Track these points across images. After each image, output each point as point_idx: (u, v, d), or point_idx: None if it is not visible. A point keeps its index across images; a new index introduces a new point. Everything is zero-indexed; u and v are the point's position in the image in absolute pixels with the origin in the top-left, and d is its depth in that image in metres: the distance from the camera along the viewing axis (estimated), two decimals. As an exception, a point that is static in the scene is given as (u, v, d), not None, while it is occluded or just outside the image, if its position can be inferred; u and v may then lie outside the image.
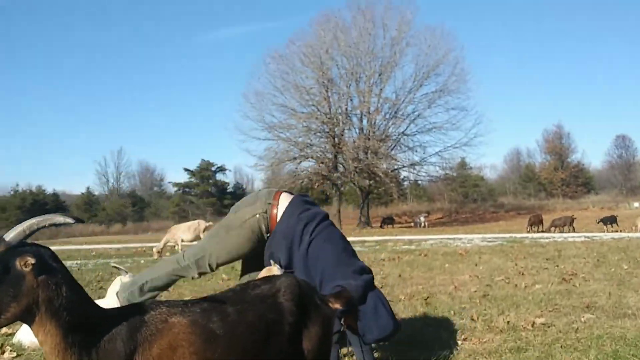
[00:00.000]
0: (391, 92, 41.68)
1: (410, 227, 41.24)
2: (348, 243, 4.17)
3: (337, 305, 2.47)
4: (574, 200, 62.61)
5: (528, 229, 25.76)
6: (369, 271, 4.03)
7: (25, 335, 5.04)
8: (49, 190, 75.29)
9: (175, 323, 1.94)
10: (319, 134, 40.53)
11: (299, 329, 2.22)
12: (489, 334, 5.13)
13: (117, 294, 5.08)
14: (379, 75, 40.42)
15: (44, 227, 1.98)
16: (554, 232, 24.29)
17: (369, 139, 38.90)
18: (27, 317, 1.80)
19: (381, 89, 40.86)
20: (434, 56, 40.75)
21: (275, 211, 4.06)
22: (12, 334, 5.33)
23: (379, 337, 3.78)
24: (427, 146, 42.67)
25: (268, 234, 4.11)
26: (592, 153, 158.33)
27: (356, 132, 41.56)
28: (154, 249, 16.21)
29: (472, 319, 5.71)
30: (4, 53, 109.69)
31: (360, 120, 41.81)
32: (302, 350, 2.21)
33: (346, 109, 40.80)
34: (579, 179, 70.79)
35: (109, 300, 5.18)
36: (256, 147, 64.33)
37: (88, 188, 77.34)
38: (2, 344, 5.01)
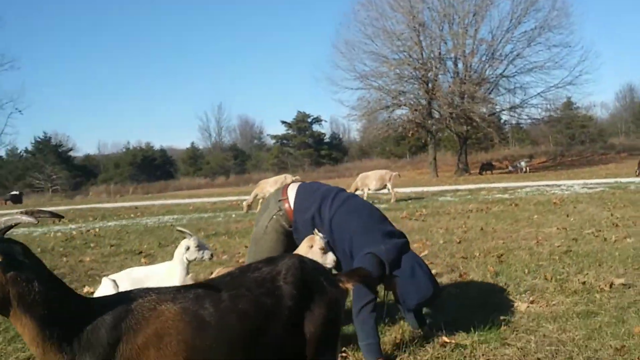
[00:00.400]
0: (487, 33, 39.57)
1: (511, 172, 39.73)
2: (375, 209, 4.10)
3: (349, 285, 2.36)
4: (696, 138, 57.58)
5: (638, 173, 23.98)
6: (401, 235, 3.93)
7: (102, 294, 5.33)
8: (157, 146, 79.08)
9: (163, 310, 1.91)
10: (411, 80, 39.39)
11: (301, 312, 2.13)
12: (560, 295, 4.84)
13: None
14: (474, 15, 38.34)
15: (10, 226, 1.98)
16: None
17: (464, 83, 37.37)
18: (2, 311, 1.84)
19: (476, 30, 38.86)
20: (532, -10, 38.15)
21: (287, 205, 4.13)
22: (93, 293, 5.63)
23: (419, 302, 3.68)
24: (528, 87, 40.45)
25: (291, 228, 4.15)
26: None
27: (451, 77, 40.02)
28: (244, 203, 16.66)
29: (546, 279, 5.41)
30: (108, 17, 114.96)
31: (455, 64, 40.21)
32: (304, 334, 2.12)
33: (439, 53, 39.28)
34: (701, 114, 64.86)
35: (175, 263, 5.36)
36: (349, 98, 64.11)
37: (192, 143, 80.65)
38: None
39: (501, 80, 40.51)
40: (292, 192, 4.19)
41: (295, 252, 3.77)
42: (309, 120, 72.36)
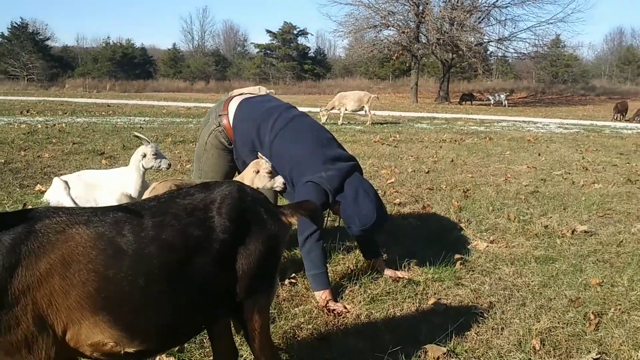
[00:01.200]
0: (485, -42, 38.28)
1: (489, 105, 39.57)
2: (322, 131, 3.80)
3: (293, 219, 2.15)
4: (677, 87, 57.68)
5: (614, 117, 23.99)
6: (348, 158, 3.67)
7: (50, 195, 5.12)
8: (138, 44, 76.71)
9: (74, 234, 1.68)
10: (402, 1, 38.21)
11: (234, 246, 1.91)
12: (520, 237, 4.77)
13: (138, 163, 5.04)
14: (474, -63, 36.96)
15: None
16: (638, 122, 22.41)
17: (455, 9, 36.35)
18: None
19: (475, -48, 37.53)
20: None
21: (225, 121, 3.86)
22: (44, 192, 5.41)
23: (362, 228, 3.44)
24: (518, 20, 39.94)
25: (231, 145, 3.92)
26: None
27: (442, 1, 38.92)
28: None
29: (509, 219, 5.33)
30: None
31: (449, -13, 39.01)
32: (236, 269, 1.92)
33: (434, -26, 38.03)
34: (686, 64, 64.76)
35: (131, 169, 5.14)
36: (337, 12, 62.24)
37: (174, 44, 78.44)
38: (25, 203, 5.12)
39: (493, 10, 39.54)
40: (232, 107, 3.89)
41: (240, 177, 3.57)
42: (295, 32, 70.50)
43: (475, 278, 3.82)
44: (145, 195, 3.13)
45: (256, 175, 3.46)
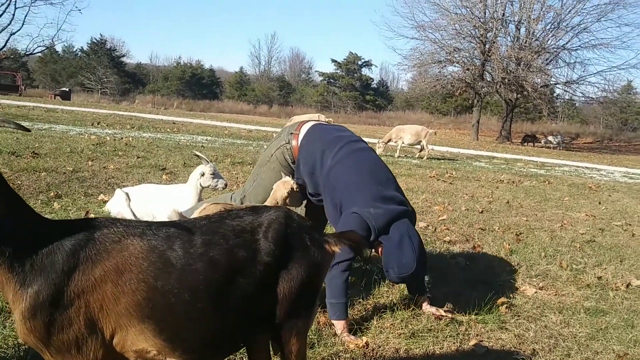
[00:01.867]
0: (557, 0, 37.92)
1: (552, 148, 38.69)
2: (382, 168, 3.82)
3: (336, 248, 2.20)
4: None
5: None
6: (402, 202, 3.65)
7: (112, 206, 5.35)
8: (207, 65, 79.17)
9: (128, 245, 1.79)
10: (469, 38, 38.00)
11: (278, 270, 1.98)
12: (571, 286, 4.66)
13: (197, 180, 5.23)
14: (546, -22, 36.64)
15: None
16: None
17: (523, 50, 35.95)
18: None
19: (546, -5, 37.18)
20: (614, -41, 36.03)
21: (295, 142, 4.02)
22: (107, 202, 5.66)
23: (399, 275, 3.42)
24: (588, 64, 39.02)
25: (293, 164, 4.07)
26: None
27: (510, 41, 38.55)
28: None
29: (561, 266, 5.22)
30: None
31: (517, 28, 38.56)
32: (277, 293, 1.99)
33: (503, 14, 37.66)
34: None
35: (189, 187, 5.33)
36: (402, 46, 62.58)
37: (241, 68, 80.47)
38: (87, 212, 5.35)
39: (562, 52, 38.94)
40: (305, 129, 4.05)
41: (272, 194, 3.72)
42: (359, 62, 71.25)
43: (520, 323, 3.76)
44: (194, 215, 3.26)
45: (286, 192, 3.65)
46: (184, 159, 9.85)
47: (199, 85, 74.18)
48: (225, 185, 5.39)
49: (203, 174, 5.22)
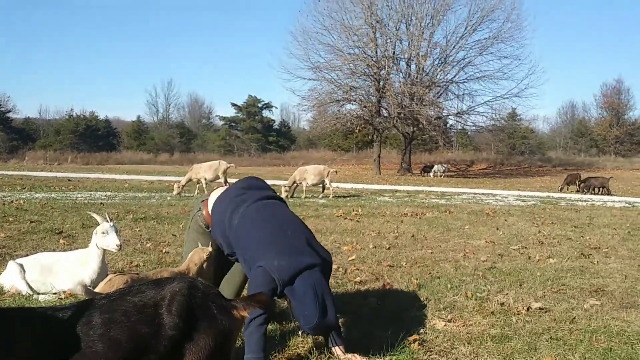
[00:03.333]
0: (442, 37, 40.19)
1: (451, 176, 40.48)
2: (290, 222, 3.89)
3: (245, 313, 2.20)
4: (627, 159, 60.08)
5: (561, 188, 24.70)
6: (312, 254, 3.67)
7: (4, 279, 5.03)
8: (102, 116, 76.89)
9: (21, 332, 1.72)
10: (363, 76, 39.47)
11: (183, 343, 1.96)
12: (477, 315, 4.84)
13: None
14: (431, 18, 38.77)
15: None
16: (586, 193, 23.27)
17: (415, 85, 37.74)
18: None
19: (432, 33, 39.32)
20: (489, 0, 38.86)
21: (205, 209, 4.18)
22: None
23: (305, 327, 3.49)
24: (476, 95, 41.35)
25: (209, 229, 4.17)
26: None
27: (402, 77, 40.36)
28: (175, 185, 16.38)
29: (467, 296, 5.42)
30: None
31: (408, 64, 40.56)
32: None
33: (393, 52, 39.51)
34: (634, 137, 67.70)
35: (92, 249, 5.08)
36: (301, 87, 63.89)
37: (139, 117, 78.69)
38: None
39: (451, 85, 41.23)
40: (214, 195, 4.15)
41: (185, 263, 3.73)
42: (260, 105, 71.86)
43: (433, 359, 3.86)
44: (100, 288, 3.14)
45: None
46: (83, 220, 9.44)
47: (94, 137, 71.76)
48: (119, 246, 5.03)
49: (96, 233, 4.98)
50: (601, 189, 23.11)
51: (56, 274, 5.01)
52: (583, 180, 24.44)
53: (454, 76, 40.83)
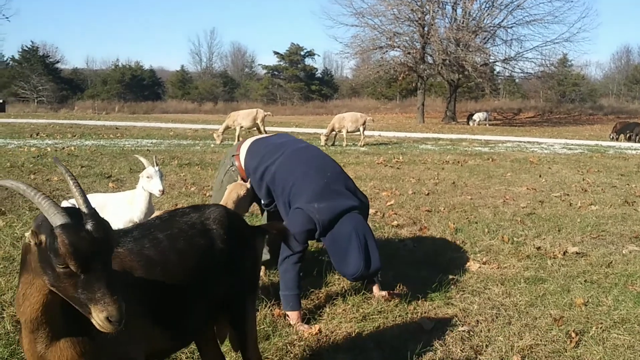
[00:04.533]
0: (490, -21, 38.71)
1: (497, 125, 39.68)
2: (328, 164, 3.89)
3: (264, 236, 2.57)
4: (685, 106, 57.66)
5: (611, 137, 24.00)
6: (351, 197, 3.68)
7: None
8: (147, 66, 77.64)
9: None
10: (407, 22, 38.41)
11: (230, 254, 2.24)
12: (512, 258, 4.91)
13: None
14: (479, -41, 37.42)
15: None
16: (624, 140, 22.69)
17: (460, 30, 36.66)
18: None
19: (480, -25, 37.95)
20: (540, -61, 37.03)
21: (237, 163, 4.19)
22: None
23: (349, 277, 3.51)
24: (524, 40, 39.92)
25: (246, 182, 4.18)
26: None
27: (448, 22, 39.16)
28: (214, 134, 16.52)
29: (503, 240, 5.47)
30: None
31: (454, 9, 39.21)
32: (231, 272, 2.25)
33: (439, -4, 38.44)
34: (693, 83, 64.79)
35: (139, 191, 5.32)
36: (343, 34, 62.82)
37: (182, 66, 79.11)
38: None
39: (498, 30, 39.83)
40: (244, 148, 4.18)
41: (225, 197, 3.87)
42: (302, 53, 71.15)
43: (465, 298, 3.96)
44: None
45: (237, 196, 3.80)
46: (130, 165, 9.77)
47: (140, 86, 72.65)
48: (161, 191, 5.21)
49: (142, 176, 5.19)
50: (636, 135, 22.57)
51: (106, 213, 5.26)
52: (627, 125, 23.88)
53: (502, 20, 39.40)
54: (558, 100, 60.19)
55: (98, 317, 1.49)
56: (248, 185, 3.89)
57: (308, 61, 72.07)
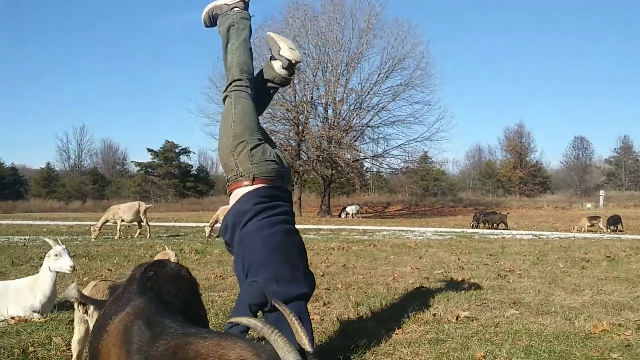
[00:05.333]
0: (357, 83, 41.70)
1: (369, 217, 41.59)
2: (299, 248, 4.08)
3: None
4: (530, 198, 63.93)
5: (472, 225, 26.22)
6: (304, 283, 3.86)
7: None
8: (8, 163, 73.47)
9: None
10: (283, 121, 40.26)
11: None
12: (413, 324, 5.31)
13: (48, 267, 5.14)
14: (346, 65, 40.35)
15: None
16: (484, 227, 25.24)
17: (332, 129, 38.91)
18: None
19: (347, 80, 40.84)
20: (400, 49, 40.85)
21: (239, 189, 4.08)
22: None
23: None
24: (390, 139, 42.97)
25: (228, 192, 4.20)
26: (551, 153, 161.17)
27: (320, 121, 41.48)
28: (92, 228, 15.99)
29: (401, 310, 5.88)
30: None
31: (325, 109, 41.77)
32: None
33: (311, 98, 40.66)
34: (536, 177, 72.28)
35: (43, 273, 5.21)
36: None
37: (48, 163, 75.64)
38: None
39: (366, 129, 42.62)
40: (252, 187, 4.06)
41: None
42: (177, 150, 71.07)
43: (378, 359, 4.26)
44: (86, 291, 3.34)
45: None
46: (11, 259, 9.27)
47: (-1, 185, 68.46)
48: (72, 267, 5.23)
49: (49, 256, 5.16)
50: (500, 223, 25.21)
51: (5, 301, 5.06)
52: (484, 214, 26.53)
53: (369, 120, 42.38)
54: (422, 194, 64.43)
55: None
56: (173, 254, 3.98)
57: (183, 158, 71.96)
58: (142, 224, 16.44)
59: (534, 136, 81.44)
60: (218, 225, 16.86)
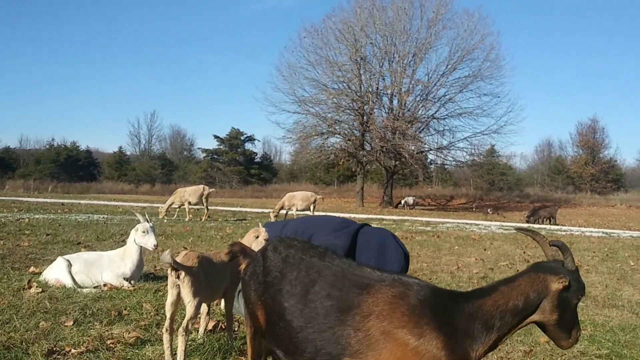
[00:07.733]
0: (424, 74, 41.43)
1: (432, 210, 41.34)
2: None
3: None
4: (602, 196, 61.66)
5: (534, 220, 25.80)
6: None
7: (50, 273, 5.52)
8: (83, 146, 76.84)
9: None
10: (348, 111, 40.46)
11: None
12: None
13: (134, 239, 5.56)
14: (413, 56, 40.12)
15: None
16: (533, 222, 24.76)
17: (397, 120, 38.79)
18: None
19: (414, 70, 40.60)
20: (469, 40, 40.23)
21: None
22: (39, 273, 5.80)
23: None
24: (456, 131, 42.48)
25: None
26: (626, 150, 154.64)
27: (385, 112, 41.45)
28: (159, 209, 16.88)
29: (466, 297, 6.02)
30: (39, 6, 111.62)
31: (391, 100, 41.69)
32: None
33: (377, 88, 40.70)
34: (609, 175, 69.50)
35: (130, 244, 5.65)
36: (285, 120, 64.85)
37: (120, 147, 78.68)
38: (29, 280, 5.48)
39: (432, 121, 42.31)
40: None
41: (241, 240, 4.23)
42: (242, 137, 72.45)
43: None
44: (179, 259, 3.62)
45: (255, 240, 4.12)
46: (96, 234, 9.91)
47: (75, 167, 71.53)
48: (155, 245, 5.62)
49: (137, 230, 5.57)
50: (550, 219, 24.64)
51: (99, 268, 5.52)
52: (532, 211, 25.96)
53: (435, 112, 42.03)
54: (487, 188, 63.26)
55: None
56: (263, 231, 4.25)
57: (248, 145, 73.34)
58: (205, 206, 17.11)
59: (608, 132, 78.07)
60: (283, 211, 17.34)
